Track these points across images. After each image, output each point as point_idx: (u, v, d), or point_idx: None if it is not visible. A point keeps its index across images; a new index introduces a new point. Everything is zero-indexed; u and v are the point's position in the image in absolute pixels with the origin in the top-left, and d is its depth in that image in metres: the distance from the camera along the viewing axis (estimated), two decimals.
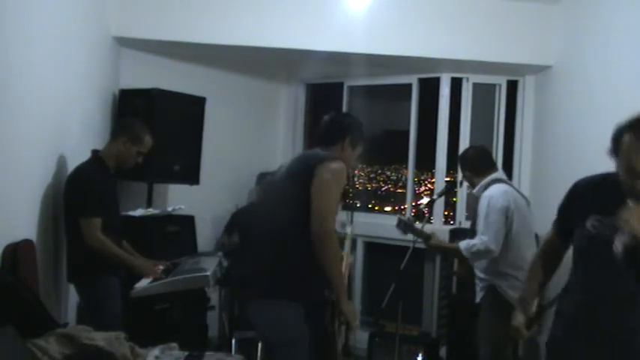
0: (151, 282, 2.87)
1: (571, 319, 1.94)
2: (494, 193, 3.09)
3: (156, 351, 2.18)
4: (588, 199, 1.91)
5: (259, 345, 3.35)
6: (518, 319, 2.08)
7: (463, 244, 3.16)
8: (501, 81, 4.58)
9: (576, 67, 3.82)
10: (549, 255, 2.13)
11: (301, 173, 2.40)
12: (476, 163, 3.31)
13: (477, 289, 3.21)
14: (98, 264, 2.83)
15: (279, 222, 2.42)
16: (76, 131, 3.24)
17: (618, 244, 1.60)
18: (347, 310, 2.42)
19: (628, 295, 1.81)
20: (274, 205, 2.52)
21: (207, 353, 2.37)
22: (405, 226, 3.44)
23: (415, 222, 3.63)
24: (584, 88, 3.65)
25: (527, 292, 2.14)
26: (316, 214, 2.31)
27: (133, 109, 3.82)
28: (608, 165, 2.15)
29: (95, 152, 3.02)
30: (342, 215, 3.94)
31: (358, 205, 5.03)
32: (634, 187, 1.67)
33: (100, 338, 1.94)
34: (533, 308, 2.10)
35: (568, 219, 1.99)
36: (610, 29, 3.39)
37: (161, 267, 3.03)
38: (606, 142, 2.28)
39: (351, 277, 4.76)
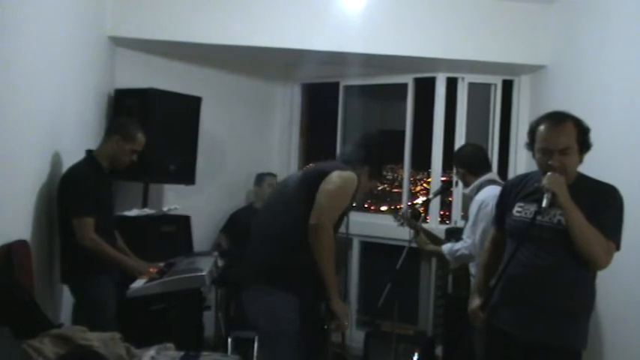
0: (146, 282, 2.87)
1: (506, 288, 2.21)
2: (487, 198, 3.00)
3: (151, 351, 2.17)
4: (514, 192, 2.30)
5: (255, 344, 3.35)
6: (475, 302, 2.31)
7: (446, 248, 3.16)
8: (497, 81, 4.59)
9: (571, 67, 3.83)
10: (495, 249, 2.40)
11: (315, 176, 2.51)
12: (471, 162, 3.26)
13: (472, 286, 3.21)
14: (92, 264, 2.83)
15: (286, 217, 2.50)
16: (71, 131, 3.23)
17: (544, 202, 2.03)
18: (338, 310, 2.48)
19: (549, 263, 2.12)
20: (282, 202, 2.59)
21: (204, 353, 2.36)
22: (402, 218, 3.52)
23: (413, 219, 3.64)
24: (578, 87, 3.65)
25: (481, 281, 2.41)
26: (316, 208, 2.40)
27: (128, 109, 3.81)
28: (601, 163, 2.17)
29: (89, 152, 3.01)
30: None
31: (354, 204, 5.02)
32: (549, 163, 2.08)
33: (95, 339, 1.95)
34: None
35: (502, 212, 2.33)
36: (604, 29, 3.39)
37: (155, 268, 3.02)
38: (601, 141, 2.30)
39: (346, 277, 4.78)
